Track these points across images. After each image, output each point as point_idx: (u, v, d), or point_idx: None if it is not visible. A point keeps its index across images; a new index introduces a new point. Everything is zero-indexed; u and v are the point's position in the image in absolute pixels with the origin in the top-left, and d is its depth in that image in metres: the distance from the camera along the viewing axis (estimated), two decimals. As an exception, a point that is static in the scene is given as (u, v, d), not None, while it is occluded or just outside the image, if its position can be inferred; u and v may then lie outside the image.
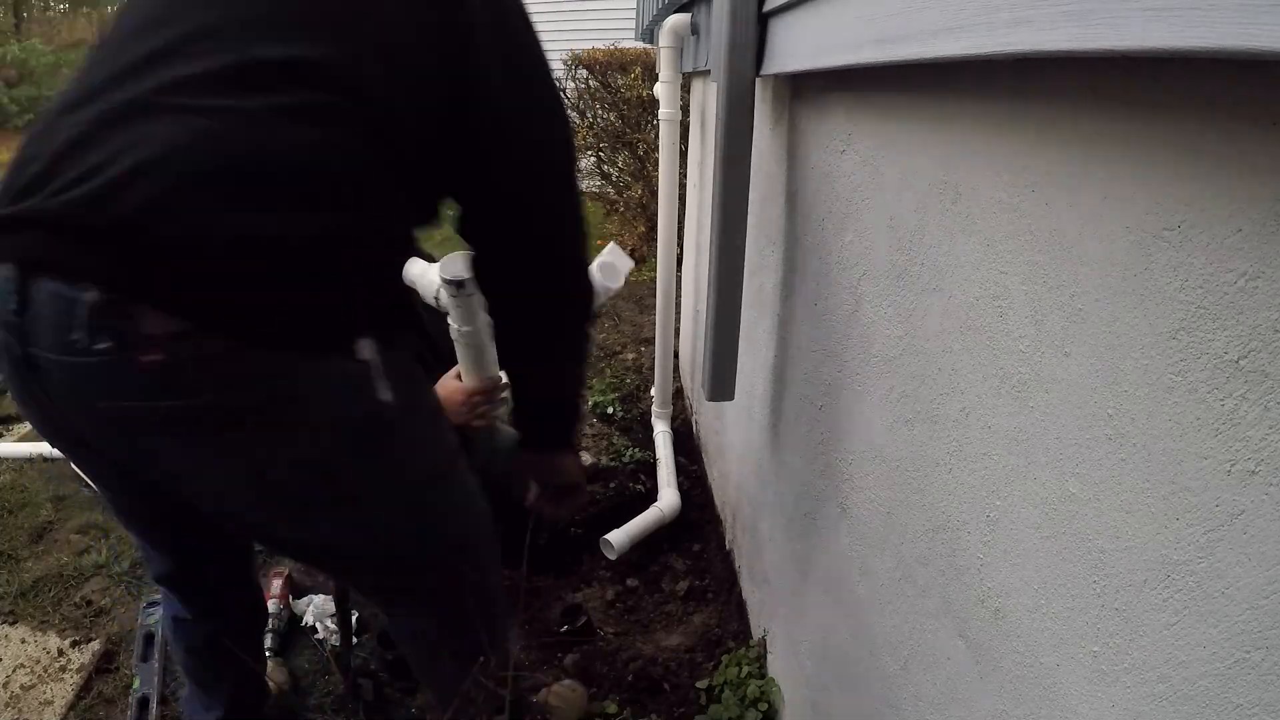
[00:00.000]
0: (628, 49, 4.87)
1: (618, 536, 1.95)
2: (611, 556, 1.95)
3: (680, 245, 2.71)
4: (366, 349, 0.80)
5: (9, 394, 0.80)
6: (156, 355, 0.68)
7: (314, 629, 1.69)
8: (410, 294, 1.29)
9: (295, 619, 1.73)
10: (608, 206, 5.48)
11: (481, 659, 0.93)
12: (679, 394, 2.84)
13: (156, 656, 1.62)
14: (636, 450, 2.46)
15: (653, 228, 3.77)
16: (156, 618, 1.70)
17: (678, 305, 2.67)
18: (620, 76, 4.75)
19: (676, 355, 2.82)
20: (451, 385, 1.36)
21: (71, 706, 1.54)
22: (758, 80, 1.17)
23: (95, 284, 0.67)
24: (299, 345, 0.76)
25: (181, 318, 0.69)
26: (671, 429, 2.52)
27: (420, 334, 1.38)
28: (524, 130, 0.90)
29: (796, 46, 0.99)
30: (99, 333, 0.68)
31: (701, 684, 1.53)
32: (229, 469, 0.80)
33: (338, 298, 0.78)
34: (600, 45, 5.02)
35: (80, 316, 0.68)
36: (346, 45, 0.78)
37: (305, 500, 0.85)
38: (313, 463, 0.82)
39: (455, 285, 1.18)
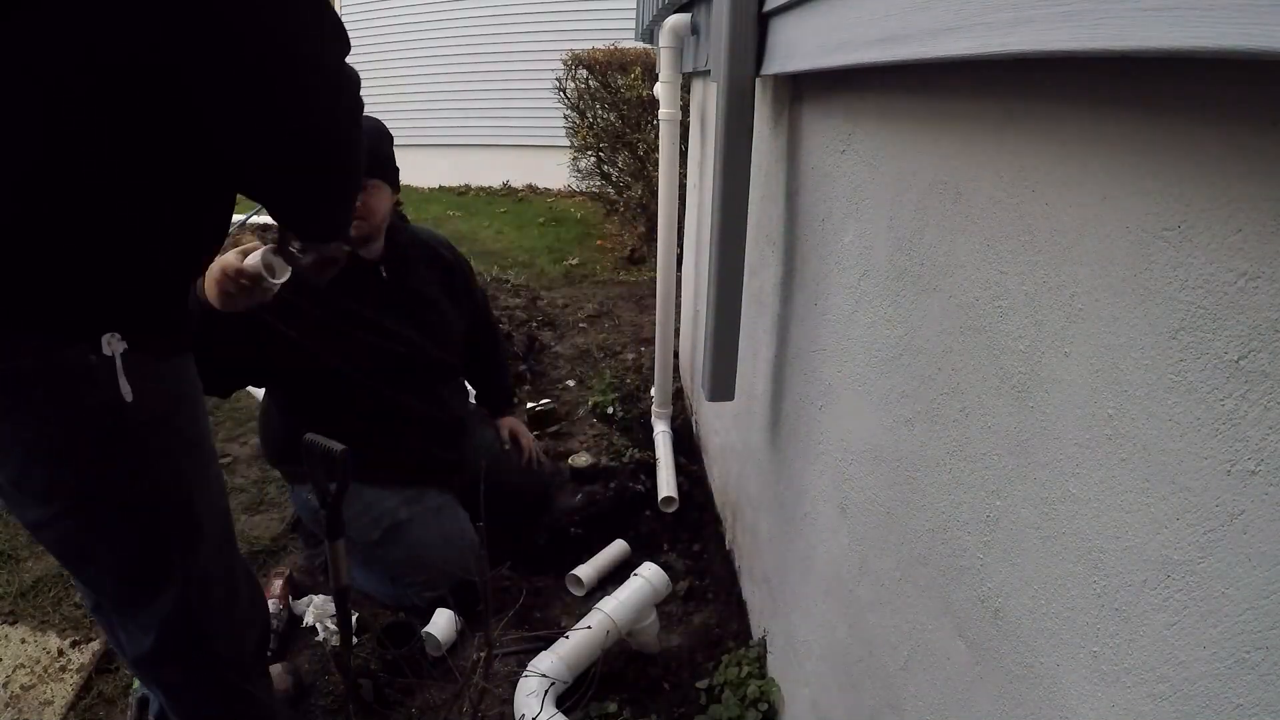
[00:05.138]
0: (628, 49, 4.87)
1: (585, 571, 1.84)
2: (579, 593, 1.84)
3: (680, 245, 2.71)
4: (111, 345, 0.79)
5: None
6: None
7: (314, 629, 1.69)
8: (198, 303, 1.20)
9: (295, 619, 1.73)
10: (608, 206, 5.48)
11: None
12: (679, 394, 2.84)
13: (156, 656, 1.62)
14: (636, 450, 2.46)
15: (653, 228, 3.77)
16: (156, 618, 1.70)
17: (678, 305, 2.67)
18: (620, 76, 4.75)
19: (676, 355, 2.82)
20: (228, 257, 1.22)
21: (71, 706, 1.54)
22: (758, 80, 1.17)
23: None
24: (37, 331, 0.76)
25: None
26: (671, 429, 2.51)
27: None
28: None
29: (797, 46, 0.99)
30: None
31: (701, 684, 1.53)
32: None
33: (70, 286, 0.77)
34: (600, 45, 5.03)
35: None
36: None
37: (45, 489, 0.83)
38: (45, 451, 0.81)
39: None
